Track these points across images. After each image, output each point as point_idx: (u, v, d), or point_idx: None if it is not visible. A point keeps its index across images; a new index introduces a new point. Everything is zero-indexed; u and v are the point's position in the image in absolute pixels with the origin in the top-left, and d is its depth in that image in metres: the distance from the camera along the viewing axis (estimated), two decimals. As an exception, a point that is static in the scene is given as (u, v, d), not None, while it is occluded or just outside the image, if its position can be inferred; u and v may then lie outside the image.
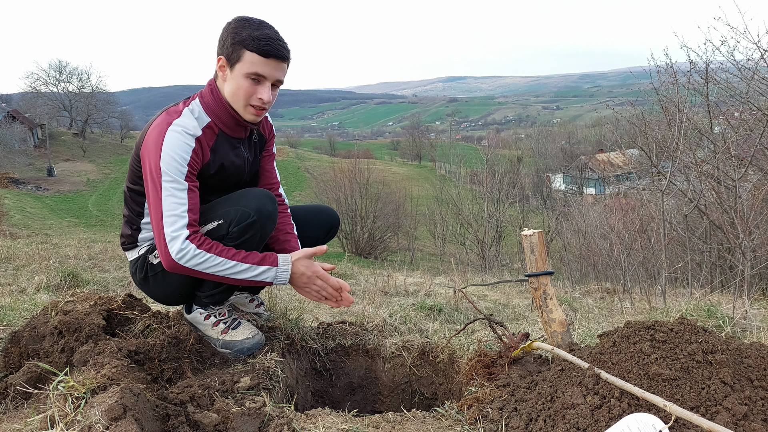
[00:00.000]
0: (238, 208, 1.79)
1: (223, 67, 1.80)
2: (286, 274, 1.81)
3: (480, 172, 23.41)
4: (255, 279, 1.78)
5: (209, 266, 1.72)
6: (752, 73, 5.81)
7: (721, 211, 5.14)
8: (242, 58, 1.75)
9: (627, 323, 1.50)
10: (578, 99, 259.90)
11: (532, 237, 1.79)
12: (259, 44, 1.73)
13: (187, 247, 1.69)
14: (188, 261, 1.69)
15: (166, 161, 1.70)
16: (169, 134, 1.73)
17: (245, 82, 1.78)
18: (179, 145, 1.73)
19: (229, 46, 1.76)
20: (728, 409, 1.24)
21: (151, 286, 1.97)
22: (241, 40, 1.73)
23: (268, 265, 1.80)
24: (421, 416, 1.59)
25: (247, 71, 1.76)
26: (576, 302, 4.68)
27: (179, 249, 1.68)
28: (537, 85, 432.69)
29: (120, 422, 1.26)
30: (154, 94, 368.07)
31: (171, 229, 1.69)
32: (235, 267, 1.75)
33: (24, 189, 32.54)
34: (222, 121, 1.86)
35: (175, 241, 1.69)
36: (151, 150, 1.73)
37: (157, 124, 1.77)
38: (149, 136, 1.76)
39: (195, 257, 1.70)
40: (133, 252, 1.99)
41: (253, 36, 1.73)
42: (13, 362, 1.82)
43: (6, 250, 5.66)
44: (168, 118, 1.78)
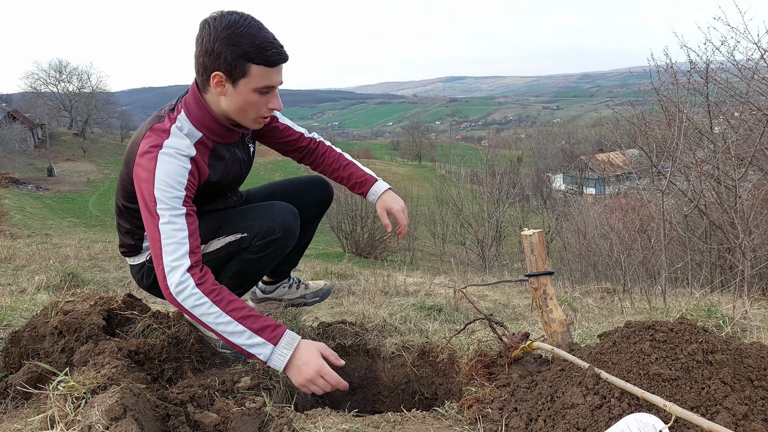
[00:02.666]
0: (264, 223, 1.74)
1: (221, 83, 1.61)
2: (285, 357, 1.55)
3: (480, 172, 23.41)
4: (246, 349, 1.54)
5: (202, 313, 1.52)
6: (752, 73, 5.81)
7: (721, 211, 5.14)
8: (248, 73, 1.58)
9: (627, 323, 1.50)
10: (578, 99, 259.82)
11: (532, 237, 1.79)
12: (265, 55, 1.57)
13: (187, 281, 1.53)
14: (185, 299, 1.52)
15: (161, 188, 1.55)
16: (161, 159, 1.57)
17: (254, 97, 1.63)
18: (174, 170, 1.58)
19: (228, 61, 1.56)
20: (728, 409, 1.24)
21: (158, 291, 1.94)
22: (244, 54, 1.55)
23: (266, 339, 1.54)
24: (421, 416, 1.59)
25: (257, 86, 1.61)
26: (576, 302, 4.68)
27: (178, 282, 1.52)
28: (537, 85, 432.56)
29: (120, 422, 1.26)
30: (154, 94, 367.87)
31: (171, 258, 1.53)
32: (228, 325, 1.53)
33: (24, 189, 32.54)
34: (213, 132, 1.73)
35: (174, 272, 1.53)
36: (143, 177, 1.58)
37: (146, 150, 1.60)
38: (140, 163, 1.60)
39: (191, 297, 1.52)
40: (136, 258, 1.95)
41: (257, 45, 1.55)
42: (13, 362, 1.82)
43: (6, 250, 5.66)
44: (156, 139, 1.61)
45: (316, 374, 1.55)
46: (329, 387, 1.58)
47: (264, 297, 2.33)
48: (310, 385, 1.57)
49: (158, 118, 1.69)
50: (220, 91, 1.63)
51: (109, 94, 61.41)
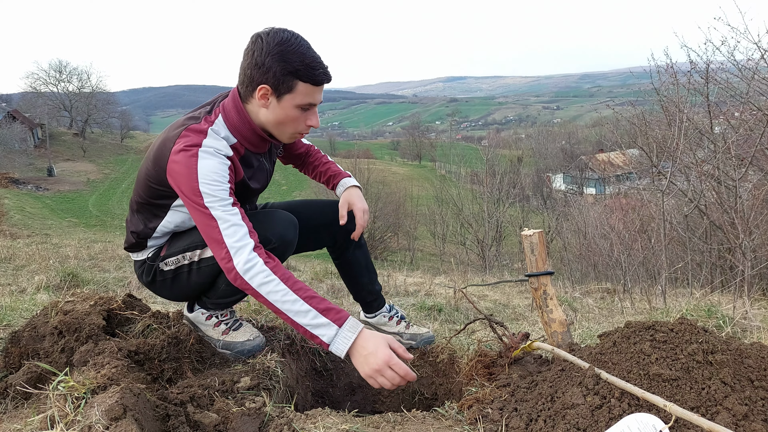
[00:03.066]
0: (260, 232, 1.74)
1: (265, 96, 1.67)
2: (348, 341, 1.54)
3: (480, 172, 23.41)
4: (310, 330, 1.55)
5: (270, 290, 1.55)
6: (752, 73, 5.81)
7: (721, 211, 5.14)
8: (295, 90, 1.65)
9: (627, 323, 1.50)
10: (578, 99, 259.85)
11: (532, 237, 1.79)
12: (313, 74, 1.64)
13: (254, 260, 1.56)
14: (253, 277, 1.55)
15: (205, 183, 1.60)
16: (202, 156, 1.62)
17: (295, 113, 1.70)
18: (216, 166, 1.63)
19: (277, 76, 1.62)
20: (728, 409, 1.24)
21: (158, 288, 1.95)
22: (293, 71, 1.62)
23: (331, 320, 1.55)
24: (421, 416, 1.59)
25: (300, 102, 1.68)
26: (576, 302, 4.68)
27: (246, 260, 1.55)
28: (537, 85, 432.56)
29: (120, 422, 1.26)
30: (154, 94, 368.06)
31: (233, 240, 1.57)
32: (294, 304, 1.55)
33: (24, 189, 32.55)
34: (248, 140, 1.78)
35: (241, 252, 1.56)
36: (183, 174, 1.61)
37: (183, 148, 1.64)
38: (177, 161, 1.63)
39: (260, 274, 1.55)
40: (139, 254, 1.96)
41: (306, 64, 1.62)
42: (13, 362, 1.82)
43: (6, 250, 5.66)
44: (194, 138, 1.65)
45: (385, 365, 1.52)
46: (397, 379, 1.54)
47: (364, 321, 2.31)
48: (377, 377, 1.54)
49: (194, 119, 1.72)
50: (263, 103, 1.69)
51: (109, 94, 61.44)
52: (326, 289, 4.55)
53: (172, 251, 1.87)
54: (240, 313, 2.38)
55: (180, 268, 1.86)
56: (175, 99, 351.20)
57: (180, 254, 1.85)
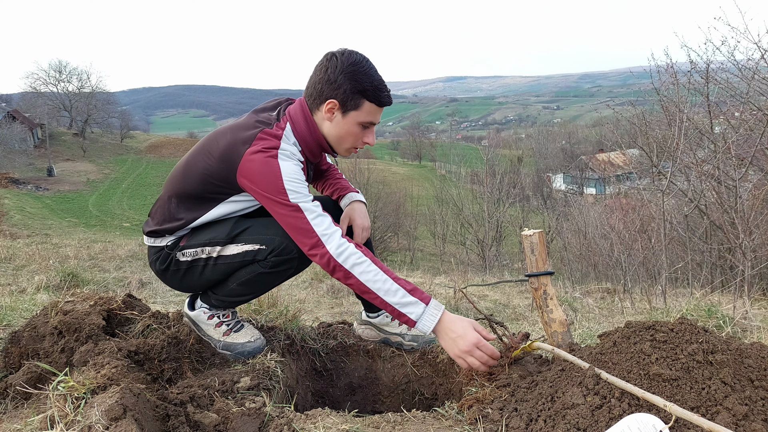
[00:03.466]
0: (283, 240, 1.78)
1: (332, 110, 1.80)
2: (434, 318, 1.68)
3: (480, 172, 23.42)
4: (398, 308, 1.67)
5: (362, 270, 1.67)
6: (753, 73, 5.80)
7: (721, 211, 5.14)
8: (361, 108, 1.78)
9: (627, 323, 1.50)
10: (578, 99, 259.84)
11: (533, 237, 1.79)
12: (380, 96, 1.78)
13: (345, 244, 1.69)
14: (346, 258, 1.67)
15: (289, 181, 1.71)
16: (282, 158, 1.74)
17: (356, 129, 1.82)
18: (294, 167, 1.75)
19: (347, 93, 1.76)
20: (729, 409, 1.24)
21: (169, 277, 1.95)
22: (362, 91, 1.76)
23: (418, 298, 1.69)
24: (421, 416, 1.59)
25: (363, 120, 1.81)
26: (576, 302, 4.68)
27: (338, 244, 1.67)
28: (537, 85, 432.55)
29: (120, 422, 1.26)
30: (154, 94, 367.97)
31: (322, 228, 1.69)
32: (385, 283, 1.67)
33: (24, 189, 32.55)
34: (309, 149, 1.89)
35: (332, 237, 1.68)
36: (264, 173, 1.71)
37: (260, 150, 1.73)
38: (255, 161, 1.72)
39: (353, 255, 1.67)
40: (157, 240, 1.94)
41: (374, 86, 1.76)
42: (13, 362, 1.82)
43: (6, 250, 5.66)
44: (271, 143, 1.76)
45: (473, 347, 1.67)
46: (485, 358, 1.69)
47: (366, 321, 2.31)
48: (467, 357, 1.69)
49: (265, 124, 1.81)
50: (328, 116, 1.82)
51: (109, 94, 61.46)
52: (326, 289, 4.55)
53: (192, 243, 1.87)
54: (240, 313, 2.38)
55: (196, 261, 1.87)
56: (175, 99, 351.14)
57: (200, 247, 1.86)
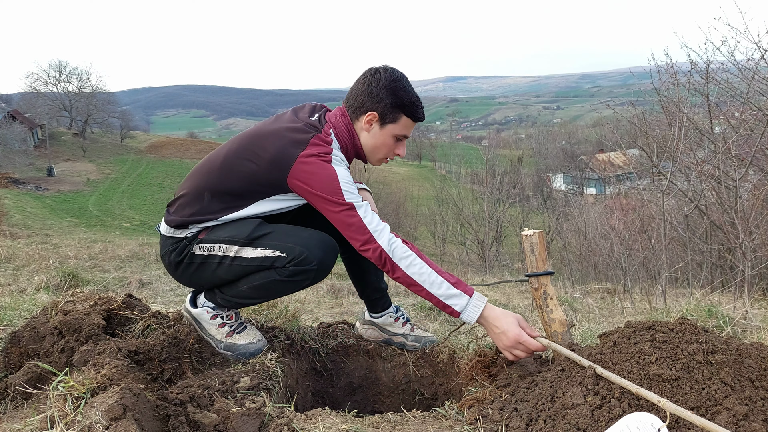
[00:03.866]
0: (303, 251, 1.78)
1: (371, 121, 1.91)
2: (478, 309, 1.75)
3: (480, 172, 23.42)
4: (444, 300, 1.75)
5: (409, 263, 1.74)
6: (753, 73, 5.80)
7: (721, 211, 5.14)
8: (398, 121, 1.90)
9: (627, 323, 1.50)
10: (579, 99, 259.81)
11: (533, 237, 1.79)
12: (416, 112, 1.90)
13: (394, 239, 1.77)
14: (394, 251, 1.74)
15: (344, 182, 1.78)
16: (335, 162, 1.82)
17: (391, 140, 1.93)
18: (347, 173, 1.84)
19: (388, 107, 1.87)
20: (728, 409, 1.24)
21: (182, 270, 1.92)
22: (401, 105, 1.87)
23: (462, 291, 1.76)
24: (421, 416, 1.59)
25: (399, 133, 1.92)
26: (576, 302, 4.68)
27: (389, 239, 1.75)
28: (537, 85, 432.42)
29: (120, 422, 1.26)
30: (154, 94, 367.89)
31: (374, 225, 1.76)
32: (430, 276, 1.75)
33: (24, 189, 32.55)
34: (347, 155, 1.96)
35: (382, 233, 1.76)
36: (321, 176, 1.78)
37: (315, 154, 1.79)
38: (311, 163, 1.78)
39: (400, 248, 1.75)
40: (177, 230, 1.91)
41: (412, 102, 1.88)
42: (13, 362, 1.82)
43: (6, 250, 5.66)
44: (325, 148, 1.83)
45: (516, 342, 1.73)
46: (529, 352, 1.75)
47: (368, 321, 2.32)
48: (512, 350, 1.75)
49: (314, 128, 1.87)
50: (367, 127, 1.93)
51: (109, 94, 61.44)
52: (326, 289, 4.55)
53: (210, 237, 1.86)
54: (240, 313, 2.38)
55: (211, 257, 1.85)
56: (175, 99, 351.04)
57: (217, 243, 1.85)
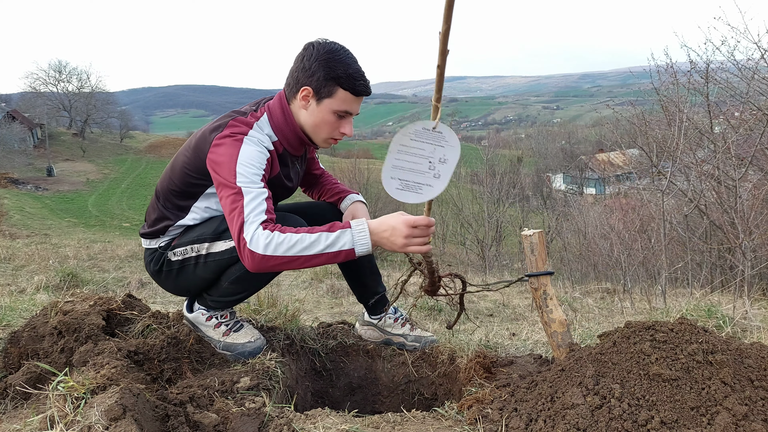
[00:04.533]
0: None
1: (307, 97, 1.79)
2: (364, 233, 1.64)
3: (480, 172, 23.39)
4: (329, 250, 1.62)
5: (277, 244, 1.59)
6: (752, 73, 5.80)
7: (721, 211, 5.13)
8: (334, 95, 1.76)
9: (627, 323, 1.50)
10: (578, 99, 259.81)
11: (532, 237, 1.79)
12: (354, 84, 1.75)
13: (258, 231, 1.61)
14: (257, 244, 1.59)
15: (243, 164, 1.68)
16: (246, 142, 1.73)
17: (331, 117, 1.79)
18: (256, 155, 1.73)
19: (321, 80, 1.74)
20: (728, 409, 1.24)
21: (163, 279, 1.96)
22: (335, 78, 1.73)
23: (340, 228, 1.64)
24: (421, 417, 1.59)
25: (337, 108, 1.78)
26: (576, 302, 4.68)
27: (254, 231, 1.60)
28: (537, 85, 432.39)
29: (120, 422, 1.26)
30: (153, 94, 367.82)
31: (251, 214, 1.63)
32: (303, 240, 1.60)
33: (23, 189, 32.54)
34: (288, 142, 1.88)
35: (252, 224, 1.62)
36: (225, 155, 1.70)
37: (228, 134, 1.73)
38: (221, 144, 1.72)
39: (262, 236, 1.59)
40: (151, 241, 1.96)
41: (349, 74, 1.73)
42: (12, 362, 1.82)
43: (6, 250, 5.65)
44: (241, 128, 1.76)
45: (408, 228, 1.61)
46: (424, 234, 1.64)
47: (368, 322, 2.33)
48: (411, 242, 1.63)
49: (241, 113, 1.83)
50: (304, 104, 1.81)
51: (109, 94, 61.42)
52: (326, 289, 4.55)
53: (181, 241, 1.89)
54: (240, 313, 2.38)
55: (187, 260, 1.87)
56: (175, 99, 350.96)
57: (188, 245, 1.86)
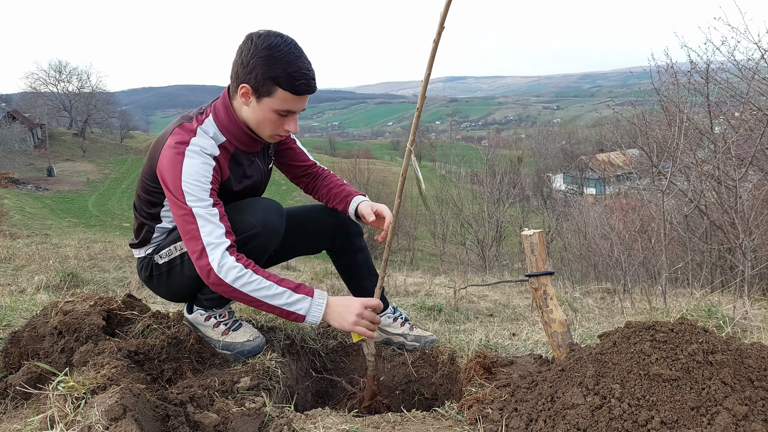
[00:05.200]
0: (244, 218, 1.78)
1: (246, 95, 1.70)
2: (321, 307, 1.70)
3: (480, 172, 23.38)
4: (287, 308, 1.67)
5: (245, 282, 1.63)
6: (753, 73, 5.80)
7: (721, 211, 5.13)
8: (273, 95, 1.67)
9: (627, 323, 1.50)
10: (578, 99, 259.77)
11: (533, 237, 1.79)
12: (293, 83, 1.65)
13: (227, 257, 1.62)
14: (228, 272, 1.61)
15: (188, 182, 1.65)
16: (188, 155, 1.68)
17: (273, 116, 1.72)
18: (199, 166, 1.68)
19: (258, 79, 1.65)
20: (728, 409, 1.24)
21: (155, 284, 1.98)
22: (274, 77, 1.64)
23: (304, 293, 1.69)
24: (421, 416, 1.59)
25: (279, 108, 1.70)
26: (576, 302, 4.67)
27: (220, 258, 1.61)
28: (537, 85, 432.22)
29: (120, 422, 1.26)
30: (154, 94, 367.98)
31: (210, 238, 1.63)
32: (269, 289, 1.64)
33: (24, 189, 32.54)
34: (238, 139, 1.81)
35: (216, 249, 1.62)
36: (169, 172, 1.67)
37: (172, 145, 1.69)
38: (165, 158, 1.69)
39: (233, 269, 1.62)
40: (140, 250, 2.00)
41: (288, 73, 1.63)
42: (12, 362, 1.82)
43: (6, 250, 5.65)
44: (184, 136, 1.71)
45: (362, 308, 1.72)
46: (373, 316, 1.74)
47: None
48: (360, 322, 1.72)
49: (187, 118, 1.78)
50: (244, 101, 1.73)
51: (109, 94, 61.47)
52: (326, 289, 4.55)
53: (165, 243, 1.91)
54: (239, 313, 2.38)
55: (173, 260, 1.88)
56: (175, 99, 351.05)
57: (171, 245, 1.88)
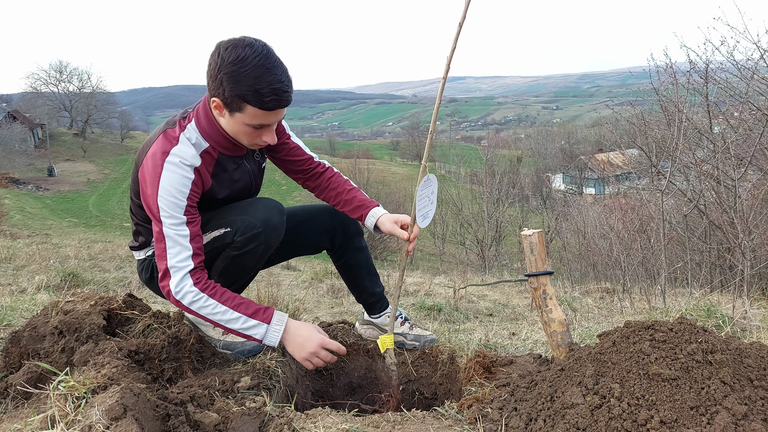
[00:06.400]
0: (245, 218, 1.78)
1: (219, 107, 1.66)
2: (278, 333, 1.75)
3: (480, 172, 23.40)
4: (243, 332, 1.73)
5: (200, 306, 1.69)
6: (752, 73, 5.80)
7: (720, 211, 5.13)
8: (243, 111, 1.62)
9: (627, 323, 1.50)
10: (578, 99, 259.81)
11: (532, 237, 1.79)
12: (262, 101, 1.58)
13: (185, 281, 1.67)
14: (183, 296, 1.68)
15: (163, 197, 1.64)
16: (167, 167, 1.65)
17: (247, 129, 1.68)
18: (177, 180, 1.66)
19: (226, 94, 1.59)
20: (728, 408, 1.24)
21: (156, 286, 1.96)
22: (240, 95, 1.57)
23: (260, 320, 1.73)
24: (421, 416, 1.59)
25: (250, 123, 1.66)
26: (575, 302, 4.68)
27: (178, 283, 1.67)
28: (537, 85, 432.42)
29: (120, 422, 1.26)
30: (154, 94, 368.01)
31: (175, 260, 1.67)
32: (225, 314, 1.70)
33: (24, 189, 32.55)
34: (220, 144, 1.78)
35: (177, 272, 1.67)
36: (148, 183, 1.67)
37: (154, 154, 1.68)
38: (146, 167, 1.68)
39: (189, 294, 1.68)
40: (140, 253, 2.02)
41: (256, 90, 1.56)
42: (13, 362, 1.82)
43: (6, 250, 5.65)
44: (166, 145, 1.68)
45: (319, 347, 1.78)
46: (329, 357, 1.81)
47: (368, 321, 2.32)
48: (313, 359, 1.78)
49: (171, 124, 1.76)
50: (218, 113, 1.71)
51: (109, 94, 61.49)
52: (326, 289, 4.55)
53: None
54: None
55: None
56: (175, 99, 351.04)
57: None
